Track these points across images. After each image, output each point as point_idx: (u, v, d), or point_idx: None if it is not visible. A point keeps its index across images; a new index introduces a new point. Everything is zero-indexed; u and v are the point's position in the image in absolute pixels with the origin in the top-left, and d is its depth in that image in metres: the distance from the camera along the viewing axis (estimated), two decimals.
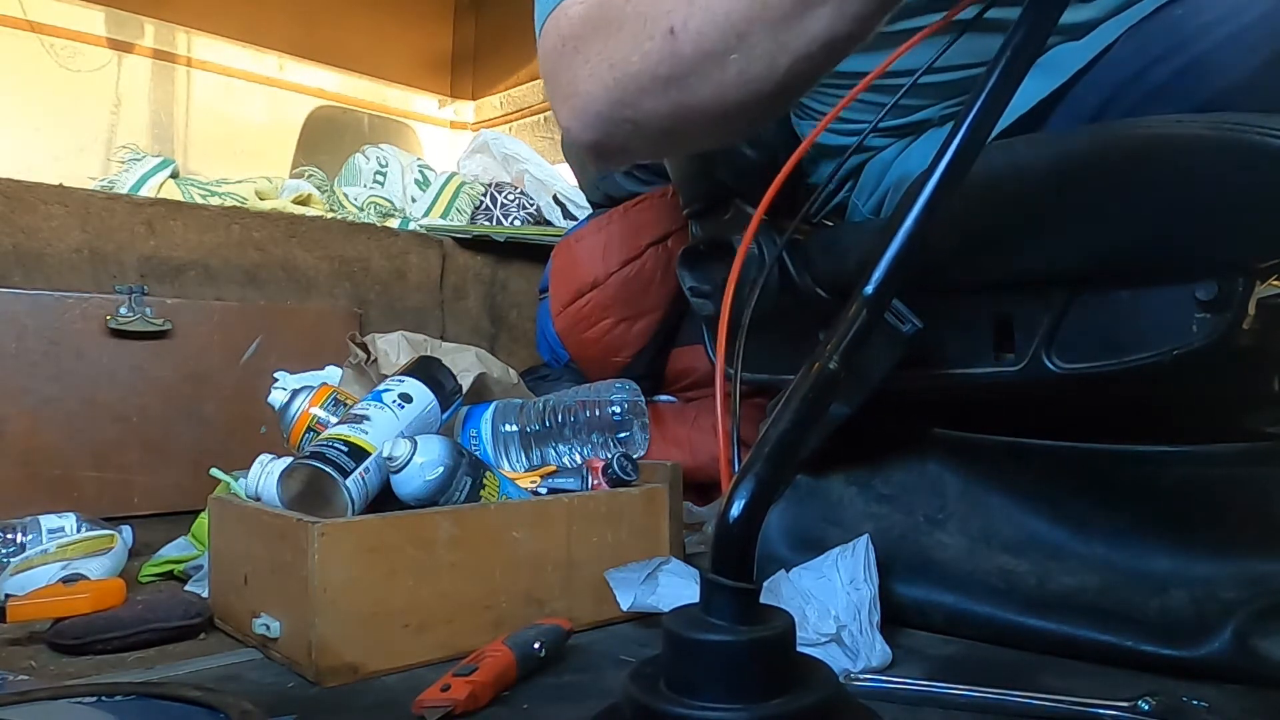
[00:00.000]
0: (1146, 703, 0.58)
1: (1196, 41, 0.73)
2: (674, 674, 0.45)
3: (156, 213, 1.51)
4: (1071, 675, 0.68)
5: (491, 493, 0.82)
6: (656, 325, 1.43)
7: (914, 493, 0.86)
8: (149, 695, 0.61)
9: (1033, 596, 0.75)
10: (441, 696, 0.61)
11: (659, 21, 0.60)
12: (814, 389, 0.48)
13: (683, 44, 0.59)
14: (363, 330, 1.63)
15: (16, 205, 1.37)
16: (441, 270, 1.84)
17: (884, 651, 0.70)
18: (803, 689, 0.45)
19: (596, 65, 0.65)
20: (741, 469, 0.46)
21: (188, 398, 1.43)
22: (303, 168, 2.23)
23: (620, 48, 0.63)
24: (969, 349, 0.77)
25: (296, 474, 0.78)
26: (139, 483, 1.38)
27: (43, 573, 0.92)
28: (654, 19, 0.60)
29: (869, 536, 0.77)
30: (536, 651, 0.70)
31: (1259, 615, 0.66)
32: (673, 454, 1.27)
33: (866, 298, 0.48)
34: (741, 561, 0.45)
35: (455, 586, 0.76)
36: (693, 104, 0.63)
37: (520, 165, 2.20)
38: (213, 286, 1.53)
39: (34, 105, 2.11)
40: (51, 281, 1.38)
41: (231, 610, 0.84)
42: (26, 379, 1.31)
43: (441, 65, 2.95)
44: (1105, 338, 0.70)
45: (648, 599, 0.78)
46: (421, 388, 0.87)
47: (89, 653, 0.78)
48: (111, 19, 2.22)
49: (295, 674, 0.72)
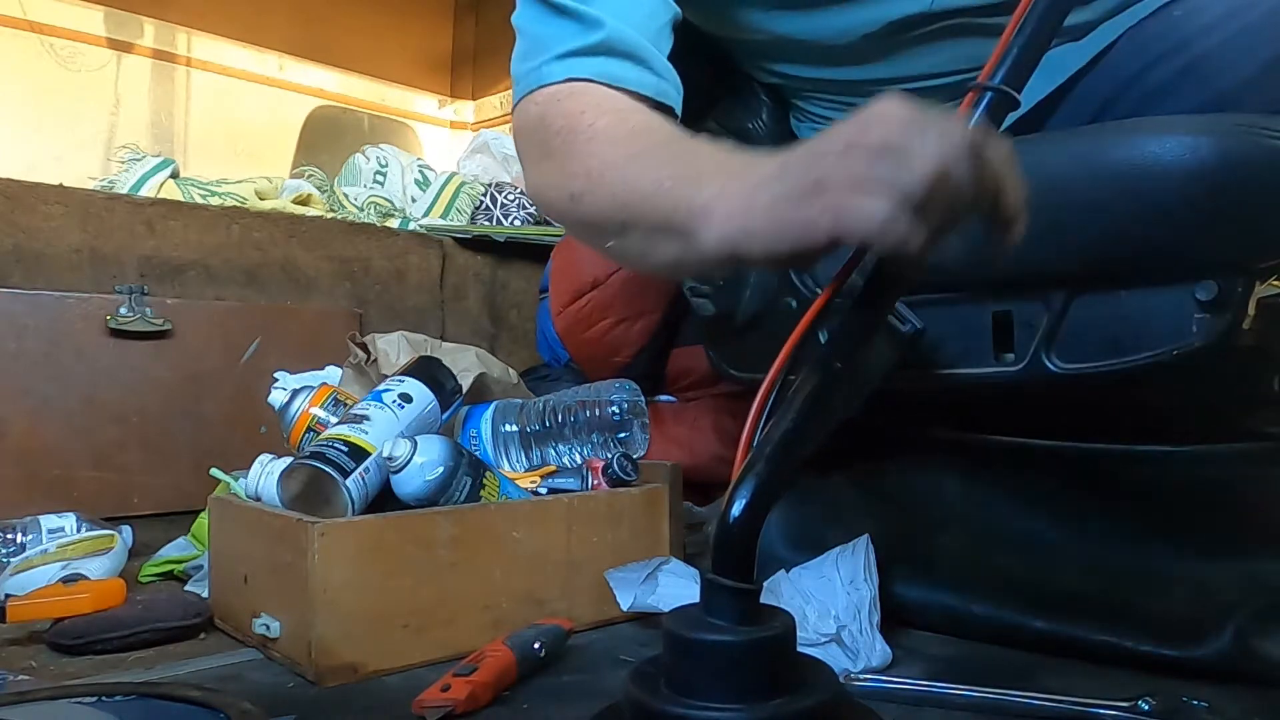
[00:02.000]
0: (1146, 703, 0.58)
1: (1196, 42, 0.73)
2: (674, 674, 0.45)
3: (156, 213, 1.50)
4: (1071, 675, 0.68)
5: (491, 493, 0.82)
6: (656, 325, 1.43)
7: (914, 493, 0.86)
8: (149, 695, 0.61)
9: (1033, 596, 0.75)
10: (441, 696, 0.61)
11: (567, 182, 0.69)
12: (815, 389, 0.48)
13: (579, 210, 0.69)
14: (363, 330, 1.63)
15: (16, 205, 1.37)
16: (441, 270, 1.84)
17: (884, 651, 0.70)
18: (803, 689, 0.45)
19: (534, 174, 0.76)
20: (742, 469, 0.46)
21: (188, 398, 1.43)
22: (303, 168, 2.23)
23: (546, 175, 0.73)
24: (969, 349, 0.77)
25: (296, 474, 0.78)
26: (139, 483, 1.38)
27: (43, 573, 0.92)
28: (565, 176, 0.70)
29: (869, 536, 0.77)
30: (536, 651, 0.70)
31: (1259, 615, 0.66)
32: (673, 454, 1.27)
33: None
34: (742, 562, 0.45)
35: (455, 586, 0.76)
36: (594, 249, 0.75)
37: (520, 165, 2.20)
38: (213, 286, 1.53)
39: (34, 105, 2.11)
40: (51, 281, 1.38)
41: (231, 610, 0.84)
42: (26, 379, 1.31)
43: (441, 65, 2.95)
44: (1105, 338, 0.70)
45: (648, 599, 0.78)
46: (421, 388, 0.87)
47: (89, 653, 0.78)
48: (111, 19, 2.22)
49: (295, 674, 0.72)
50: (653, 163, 0.63)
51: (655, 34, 0.77)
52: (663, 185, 0.59)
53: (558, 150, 0.71)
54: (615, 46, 0.73)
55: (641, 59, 0.74)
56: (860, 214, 0.42)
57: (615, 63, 0.73)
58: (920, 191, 0.42)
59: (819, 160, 0.46)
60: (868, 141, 0.44)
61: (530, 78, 0.75)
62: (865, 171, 0.43)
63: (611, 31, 0.73)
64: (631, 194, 0.63)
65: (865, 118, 0.46)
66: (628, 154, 0.66)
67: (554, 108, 0.73)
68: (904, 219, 0.41)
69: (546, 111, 0.73)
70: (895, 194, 0.42)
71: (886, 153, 0.43)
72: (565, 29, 0.74)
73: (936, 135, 0.43)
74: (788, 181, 0.48)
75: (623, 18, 0.74)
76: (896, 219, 0.42)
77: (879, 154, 0.43)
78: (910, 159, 0.42)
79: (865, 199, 0.42)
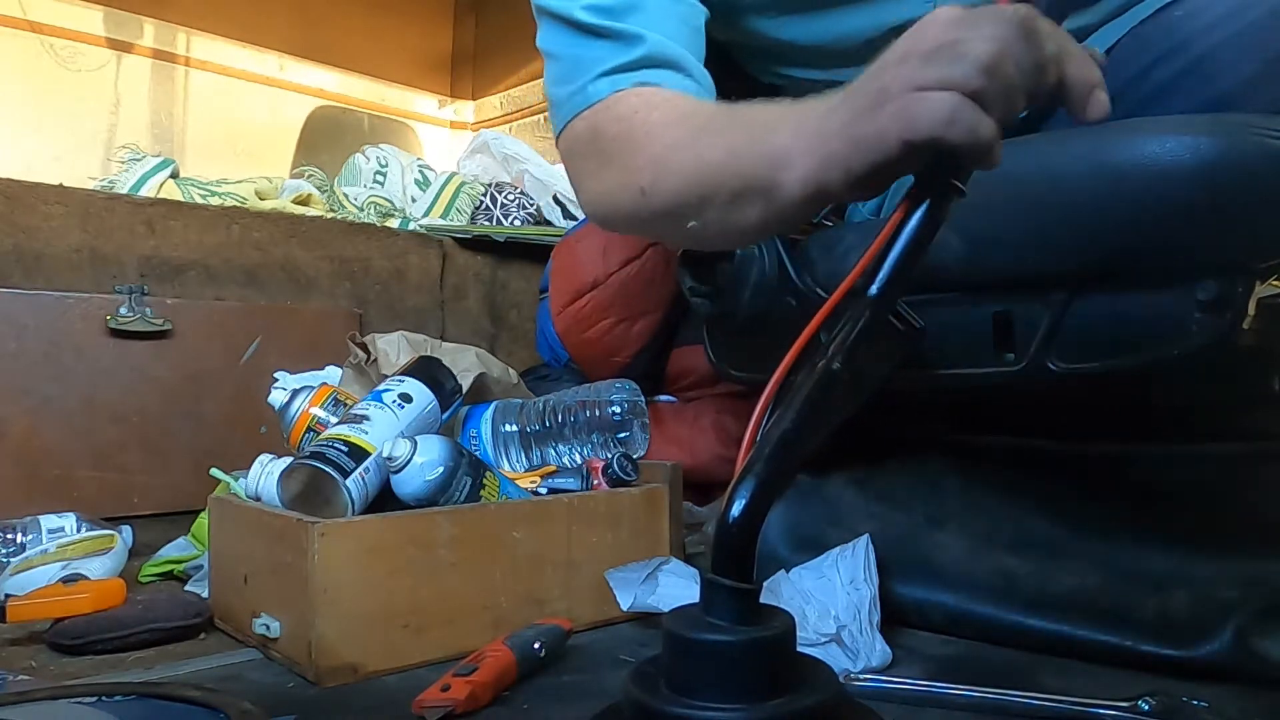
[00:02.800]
0: (1146, 703, 0.58)
1: (1197, 42, 0.73)
2: (674, 674, 0.45)
3: (156, 213, 1.50)
4: (1071, 675, 0.68)
5: (491, 493, 0.82)
6: (656, 325, 1.43)
7: (914, 493, 0.86)
8: (149, 695, 0.61)
9: (1033, 597, 0.75)
10: (441, 696, 0.61)
11: (633, 178, 0.70)
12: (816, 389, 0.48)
13: (652, 202, 0.69)
14: (363, 330, 1.63)
15: (16, 205, 1.37)
16: (441, 270, 1.84)
17: (884, 651, 0.70)
18: (803, 689, 0.45)
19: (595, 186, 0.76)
20: (742, 469, 0.46)
21: (188, 398, 1.43)
22: (303, 168, 2.23)
23: (609, 182, 0.73)
24: (969, 349, 0.77)
25: (296, 474, 0.78)
26: (139, 483, 1.38)
27: (43, 573, 0.92)
28: (631, 172, 0.70)
29: (869, 536, 0.77)
30: (536, 651, 0.70)
31: (1259, 615, 0.66)
32: (673, 454, 1.27)
33: (871, 298, 0.48)
34: (742, 562, 0.45)
35: (455, 586, 0.76)
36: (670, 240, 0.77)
37: (520, 165, 2.20)
38: (213, 286, 1.53)
39: (34, 105, 2.11)
40: (51, 281, 1.38)
41: (231, 610, 0.84)
42: (26, 379, 1.31)
43: (441, 65, 2.95)
44: (1105, 338, 0.70)
45: (648, 599, 0.78)
46: (421, 388, 0.87)
47: (89, 653, 0.78)
48: (111, 19, 2.22)
49: (295, 674, 0.72)
50: (718, 133, 0.63)
51: (690, 39, 0.77)
52: (735, 148, 0.59)
53: (617, 153, 0.71)
54: (656, 59, 0.74)
55: (682, 67, 0.75)
56: (925, 110, 0.43)
57: (657, 73, 0.74)
58: (979, 79, 0.43)
59: (880, 74, 0.47)
60: (922, 47, 0.45)
61: (575, 100, 0.75)
62: (923, 71, 0.44)
63: (651, 45, 0.74)
64: (705, 166, 0.63)
65: (917, 28, 0.47)
66: (691, 132, 0.66)
67: (604, 115, 0.73)
68: (968, 109, 0.42)
69: (597, 122, 0.74)
70: (956, 85, 0.43)
71: (941, 50, 0.44)
72: (604, 49, 0.74)
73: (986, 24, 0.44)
74: (853, 101, 0.49)
75: (659, 28, 0.74)
76: (960, 109, 0.42)
77: (934, 53, 0.44)
78: (964, 51, 0.43)
79: (928, 95, 0.43)
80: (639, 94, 0.73)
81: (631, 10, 0.75)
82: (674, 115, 0.70)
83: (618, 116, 0.72)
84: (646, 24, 0.74)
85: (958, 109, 0.43)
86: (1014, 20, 0.43)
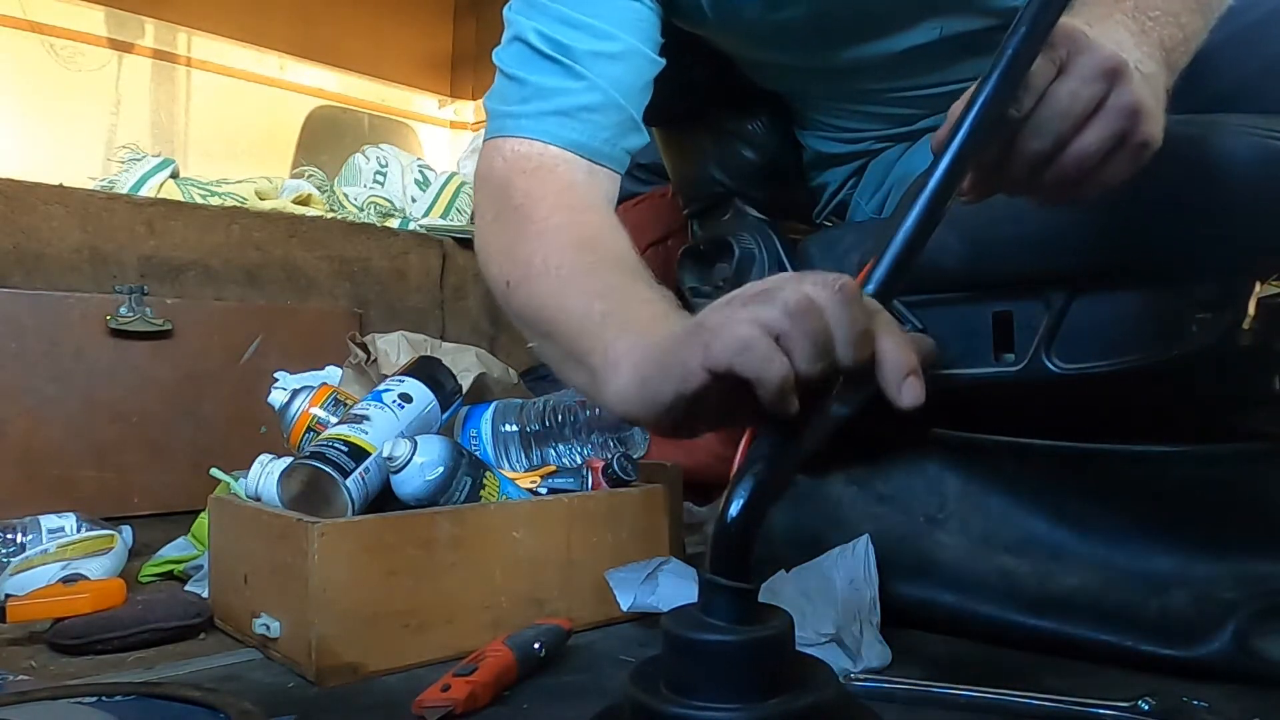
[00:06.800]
0: (1146, 703, 0.58)
1: None
2: (674, 674, 0.45)
3: (156, 213, 1.51)
4: (1071, 675, 0.68)
5: (491, 493, 0.82)
6: None
7: (914, 493, 0.86)
8: (149, 695, 0.62)
9: (1033, 596, 0.75)
10: (441, 696, 0.61)
11: (508, 266, 0.70)
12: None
13: (510, 301, 0.70)
14: (363, 330, 1.63)
15: (16, 205, 1.37)
16: (441, 270, 1.84)
17: (884, 651, 0.70)
18: (802, 689, 0.45)
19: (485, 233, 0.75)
20: (741, 470, 0.46)
21: (188, 398, 1.43)
22: (303, 168, 2.23)
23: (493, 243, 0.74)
24: (969, 349, 0.77)
25: (296, 474, 0.78)
26: (139, 483, 1.38)
27: (43, 573, 0.92)
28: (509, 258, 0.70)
29: (869, 536, 0.77)
30: (536, 651, 0.70)
31: (1259, 615, 0.66)
32: (673, 454, 1.27)
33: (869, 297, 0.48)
34: (739, 561, 0.45)
35: (455, 586, 0.76)
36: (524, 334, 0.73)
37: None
38: (213, 286, 1.53)
39: (34, 105, 2.11)
40: (51, 281, 1.38)
41: (231, 610, 0.84)
42: (26, 379, 1.31)
43: (441, 65, 2.95)
44: (1105, 338, 0.70)
45: (648, 599, 0.78)
46: (421, 388, 0.87)
47: (89, 653, 0.78)
48: (112, 19, 2.22)
49: (295, 674, 0.72)
50: (590, 295, 0.62)
51: (638, 93, 0.77)
52: (588, 327, 0.60)
53: (509, 226, 0.71)
54: (593, 109, 0.73)
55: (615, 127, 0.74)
56: (723, 338, 0.44)
57: (588, 130, 0.73)
58: (783, 320, 0.43)
59: (707, 313, 0.48)
60: (749, 292, 0.47)
61: (505, 122, 0.75)
62: (739, 310, 0.46)
63: (592, 92, 0.73)
64: (560, 314, 0.63)
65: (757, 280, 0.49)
66: (571, 272, 0.65)
67: (518, 179, 0.73)
68: (764, 343, 0.43)
69: (511, 178, 0.73)
70: (760, 321, 0.44)
71: (760, 295, 0.46)
72: (547, 82, 0.73)
73: (808, 280, 0.45)
74: (679, 333, 0.50)
75: (605, 75, 0.74)
76: (756, 341, 0.43)
77: (754, 297, 0.46)
78: (776, 296, 0.45)
79: (731, 328, 0.44)
80: (556, 176, 0.72)
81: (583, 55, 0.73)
82: (572, 237, 0.68)
83: (526, 191, 0.71)
84: (596, 70, 0.73)
85: (754, 341, 0.43)
86: (835, 283, 0.44)
